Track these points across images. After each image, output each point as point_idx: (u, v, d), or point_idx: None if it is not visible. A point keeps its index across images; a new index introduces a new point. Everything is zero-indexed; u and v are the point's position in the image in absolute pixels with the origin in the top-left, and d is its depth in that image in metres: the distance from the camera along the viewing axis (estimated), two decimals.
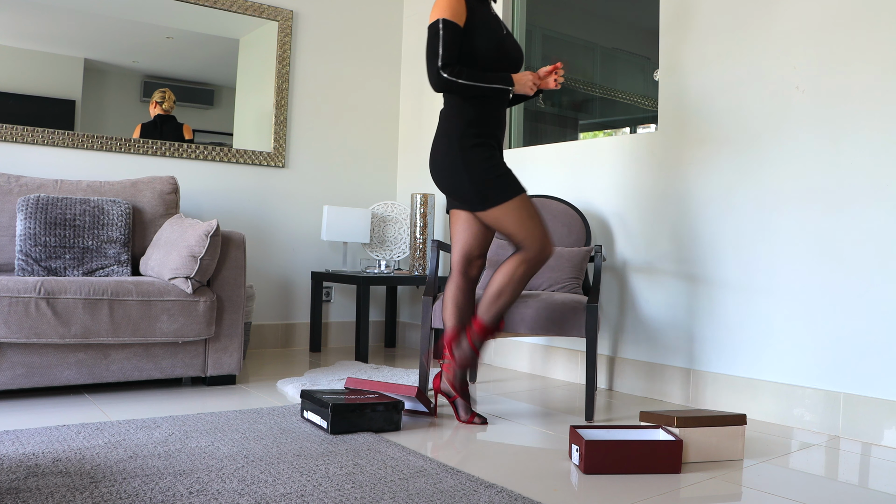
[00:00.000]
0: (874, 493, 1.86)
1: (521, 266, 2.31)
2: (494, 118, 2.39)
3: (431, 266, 2.87)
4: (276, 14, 3.99)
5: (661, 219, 3.03)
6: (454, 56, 2.29)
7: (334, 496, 1.64)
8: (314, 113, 4.17)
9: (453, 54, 2.28)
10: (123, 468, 1.79)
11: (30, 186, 3.06)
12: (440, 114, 2.42)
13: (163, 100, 3.67)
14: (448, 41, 2.27)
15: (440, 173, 2.38)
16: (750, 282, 2.73)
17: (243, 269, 2.94)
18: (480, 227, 2.43)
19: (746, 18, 2.78)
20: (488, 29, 2.36)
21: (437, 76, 2.28)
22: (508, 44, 2.42)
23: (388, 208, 4.22)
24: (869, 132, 2.43)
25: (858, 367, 2.43)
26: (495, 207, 2.29)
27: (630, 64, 3.40)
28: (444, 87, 2.29)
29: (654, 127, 3.13)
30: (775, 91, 2.68)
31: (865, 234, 2.43)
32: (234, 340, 2.89)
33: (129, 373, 2.69)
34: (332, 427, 2.19)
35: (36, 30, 3.35)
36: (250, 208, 3.94)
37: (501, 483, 1.81)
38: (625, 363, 3.12)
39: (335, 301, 4.24)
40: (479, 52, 2.33)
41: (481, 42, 2.33)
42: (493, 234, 2.47)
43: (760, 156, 2.72)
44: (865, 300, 2.43)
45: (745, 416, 2.11)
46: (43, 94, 3.38)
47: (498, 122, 2.40)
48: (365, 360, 3.59)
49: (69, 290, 2.54)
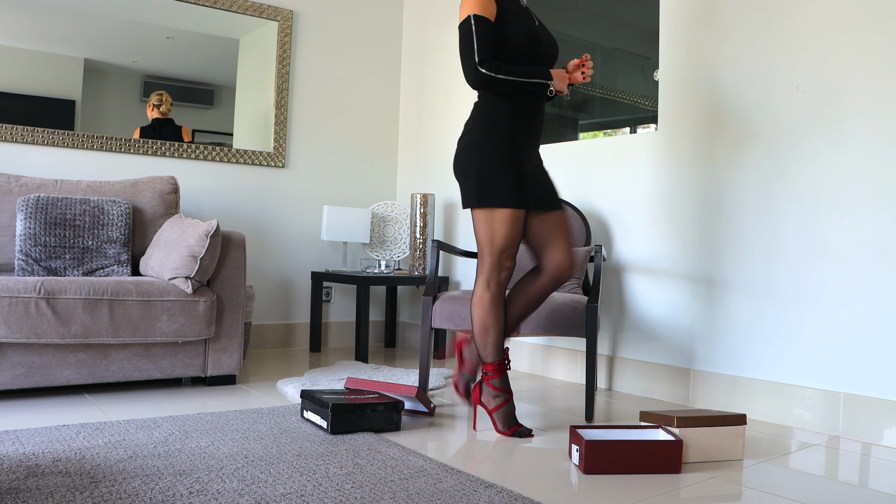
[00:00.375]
0: (874, 493, 1.86)
1: (485, 292, 2.28)
2: (532, 114, 2.30)
3: (431, 266, 2.87)
4: (276, 14, 3.99)
5: (661, 219, 3.03)
6: (490, 51, 2.22)
7: (334, 496, 1.64)
8: (314, 113, 4.17)
9: (489, 49, 2.22)
10: (123, 468, 1.79)
11: (30, 186, 3.06)
12: (474, 105, 2.35)
13: (160, 102, 3.67)
14: (482, 36, 2.21)
15: (455, 162, 2.32)
16: (750, 282, 2.73)
17: (243, 269, 2.94)
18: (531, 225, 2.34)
19: (747, 19, 2.78)
20: (521, 21, 2.28)
21: (475, 72, 2.21)
22: (543, 36, 2.35)
23: (388, 208, 4.22)
24: (867, 133, 2.43)
25: (858, 367, 2.43)
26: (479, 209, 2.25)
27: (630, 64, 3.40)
28: (483, 84, 2.22)
29: (654, 127, 3.14)
30: (775, 91, 2.68)
31: (865, 234, 2.43)
32: (234, 340, 2.89)
33: (129, 373, 2.69)
34: (332, 427, 2.19)
35: (36, 30, 3.35)
36: (250, 208, 3.94)
37: (501, 483, 1.81)
38: (625, 363, 3.12)
39: (335, 301, 4.24)
40: (515, 45, 2.26)
41: (516, 35, 2.25)
42: (523, 232, 2.36)
43: (761, 156, 2.72)
44: (865, 300, 2.43)
45: (745, 416, 2.11)
46: (43, 94, 3.38)
47: (535, 118, 2.31)
48: (365, 360, 3.59)
49: (69, 290, 2.54)
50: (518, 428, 2.28)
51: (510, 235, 2.24)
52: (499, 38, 2.26)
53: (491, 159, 2.23)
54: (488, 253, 2.26)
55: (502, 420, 2.28)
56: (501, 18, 2.26)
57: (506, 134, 2.25)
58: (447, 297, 2.74)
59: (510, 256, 2.27)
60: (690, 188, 2.93)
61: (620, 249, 3.18)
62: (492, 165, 2.23)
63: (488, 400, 2.30)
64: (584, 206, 3.33)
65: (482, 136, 2.26)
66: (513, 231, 2.24)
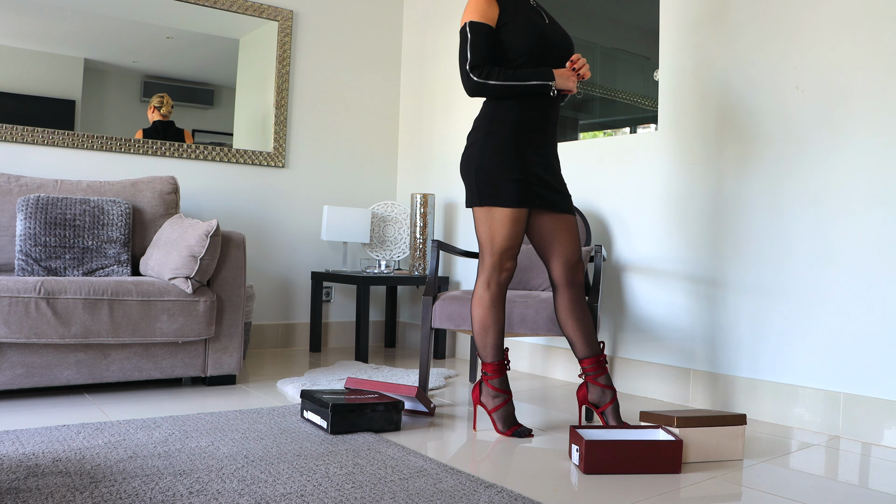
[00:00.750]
0: (874, 493, 1.86)
1: (486, 292, 2.28)
2: (538, 114, 2.26)
3: (431, 266, 2.87)
4: (276, 14, 3.99)
5: (661, 219, 3.03)
6: (484, 58, 2.21)
7: (334, 496, 1.64)
8: (314, 113, 4.17)
9: (482, 56, 2.20)
10: (123, 468, 1.79)
11: (30, 186, 3.06)
12: (482, 104, 2.33)
13: (161, 105, 3.67)
14: (476, 43, 2.20)
15: (461, 161, 2.31)
16: (750, 282, 2.73)
17: (243, 269, 2.94)
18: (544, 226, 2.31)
19: (748, 19, 2.78)
20: (528, 21, 2.26)
21: (466, 79, 2.21)
22: (553, 34, 2.31)
23: (388, 208, 4.22)
24: (867, 134, 2.43)
25: (858, 367, 2.43)
26: (480, 209, 2.25)
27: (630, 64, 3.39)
28: (474, 90, 2.22)
29: (654, 127, 3.14)
30: (776, 91, 2.68)
31: (865, 235, 2.43)
32: (234, 340, 2.89)
33: (129, 373, 2.69)
34: (332, 427, 2.19)
35: (36, 30, 3.35)
36: (250, 208, 3.94)
37: (501, 483, 1.81)
38: (625, 363, 3.12)
39: (335, 301, 4.24)
40: (520, 47, 2.23)
41: (520, 36, 2.23)
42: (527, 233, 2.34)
43: (761, 156, 2.72)
44: (865, 300, 2.43)
45: (745, 416, 2.11)
46: (43, 94, 3.38)
47: (542, 118, 2.27)
48: (365, 360, 3.59)
49: (69, 290, 2.54)
50: (518, 428, 2.28)
51: (510, 236, 2.24)
52: (503, 40, 2.24)
53: (492, 158, 2.23)
54: (489, 253, 2.26)
55: (502, 420, 2.28)
56: (505, 21, 2.24)
57: (509, 133, 2.24)
58: (447, 297, 2.74)
59: (511, 257, 2.27)
60: (691, 188, 2.93)
61: (621, 249, 3.18)
62: (493, 165, 2.22)
63: (487, 400, 2.30)
64: (584, 206, 3.34)
65: (483, 135, 2.26)
66: (513, 231, 2.23)
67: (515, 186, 2.21)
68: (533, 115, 2.26)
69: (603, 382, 2.28)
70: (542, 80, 2.22)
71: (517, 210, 2.23)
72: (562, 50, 2.32)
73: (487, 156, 2.23)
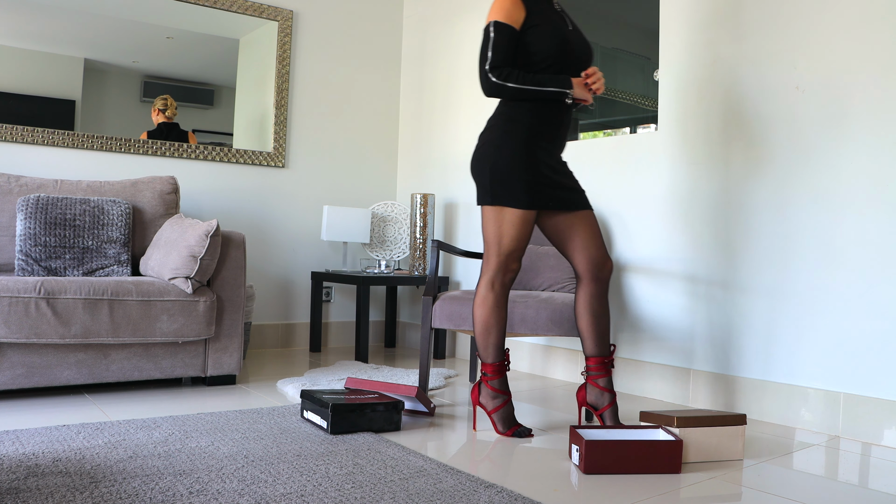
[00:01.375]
0: (874, 493, 1.86)
1: (489, 293, 2.28)
2: (553, 119, 2.25)
3: (431, 266, 2.87)
4: (276, 14, 3.99)
5: (661, 219, 3.03)
6: (505, 59, 2.20)
7: (334, 496, 1.64)
8: (314, 113, 4.18)
9: (502, 57, 2.19)
10: (123, 468, 1.79)
11: (30, 186, 3.06)
12: (498, 103, 2.32)
13: (165, 107, 3.67)
14: (498, 44, 2.19)
15: (472, 159, 2.30)
16: (750, 282, 2.73)
17: (243, 269, 2.94)
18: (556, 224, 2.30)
19: (748, 19, 2.78)
20: (552, 26, 2.25)
21: (485, 79, 2.20)
22: (574, 41, 2.30)
23: (388, 208, 4.22)
24: (867, 135, 2.43)
25: (858, 367, 2.43)
26: (490, 207, 2.24)
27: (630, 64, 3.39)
28: (493, 91, 2.21)
29: (654, 127, 3.14)
30: (777, 91, 2.68)
31: (865, 235, 2.43)
32: (234, 340, 2.89)
33: (129, 373, 2.69)
34: (332, 427, 2.19)
35: (36, 30, 3.35)
36: (250, 208, 3.94)
37: (501, 483, 1.81)
38: (625, 363, 3.12)
39: (335, 301, 4.24)
40: (542, 51, 2.23)
41: (543, 41, 2.22)
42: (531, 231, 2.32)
43: (761, 156, 2.72)
44: (865, 300, 2.43)
45: (745, 416, 2.11)
46: (43, 94, 3.38)
47: (557, 123, 2.27)
48: (365, 360, 3.59)
49: (69, 290, 2.54)
50: (518, 428, 2.28)
51: (518, 237, 2.24)
52: (529, 43, 2.23)
53: (506, 159, 2.22)
54: (495, 253, 2.26)
55: (502, 421, 2.28)
56: (530, 24, 2.23)
57: (523, 135, 2.23)
58: (447, 297, 2.74)
59: (517, 259, 2.27)
60: (691, 188, 2.93)
61: (621, 249, 3.18)
62: (506, 165, 2.22)
63: (487, 401, 2.30)
64: None
65: (500, 135, 2.26)
66: (521, 233, 2.23)
67: (528, 188, 2.21)
68: (549, 119, 2.26)
69: (602, 385, 2.28)
70: (559, 88, 2.21)
71: (528, 212, 2.23)
72: (581, 59, 2.31)
73: (502, 156, 2.23)
